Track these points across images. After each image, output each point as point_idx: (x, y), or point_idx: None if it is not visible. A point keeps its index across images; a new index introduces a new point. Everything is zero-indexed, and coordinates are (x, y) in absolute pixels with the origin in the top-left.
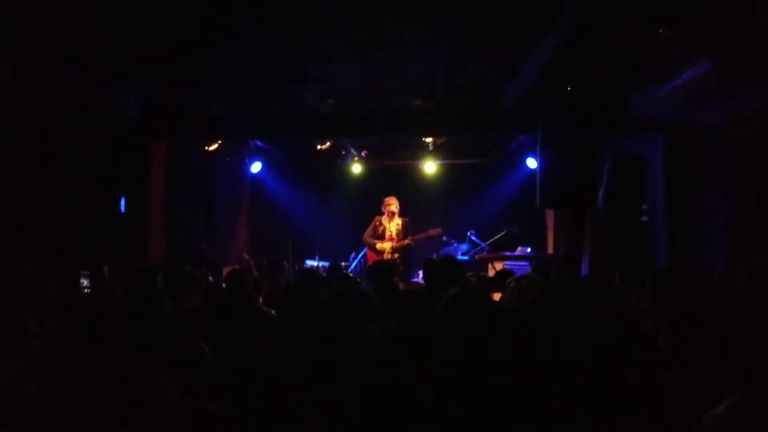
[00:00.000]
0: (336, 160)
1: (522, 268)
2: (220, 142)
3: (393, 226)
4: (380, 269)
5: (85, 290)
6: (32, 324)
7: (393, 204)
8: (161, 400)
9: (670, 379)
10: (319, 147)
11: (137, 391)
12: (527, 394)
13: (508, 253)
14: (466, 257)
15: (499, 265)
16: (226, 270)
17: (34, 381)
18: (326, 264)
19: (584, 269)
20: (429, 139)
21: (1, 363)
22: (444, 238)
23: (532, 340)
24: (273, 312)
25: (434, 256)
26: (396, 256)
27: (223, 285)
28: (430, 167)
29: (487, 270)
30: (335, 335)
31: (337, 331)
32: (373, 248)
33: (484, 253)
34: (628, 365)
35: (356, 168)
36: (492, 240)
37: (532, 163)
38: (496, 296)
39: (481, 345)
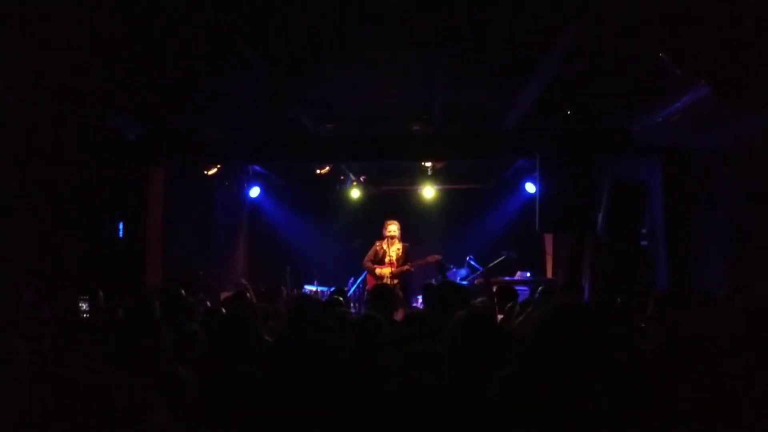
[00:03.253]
0: (335, 185)
1: (521, 293)
2: (218, 166)
3: (393, 251)
4: (381, 293)
5: (84, 314)
6: (22, 346)
7: (393, 228)
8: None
9: (674, 402)
10: (317, 172)
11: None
12: (531, 415)
13: (507, 278)
14: (465, 282)
15: None
16: (223, 295)
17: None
18: (324, 289)
19: (585, 294)
20: (428, 164)
21: None
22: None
23: (537, 364)
24: (270, 338)
25: (433, 281)
26: (395, 281)
27: (222, 310)
28: (428, 192)
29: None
30: (336, 360)
31: (339, 357)
32: (372, 273)
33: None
34: (632, 388)
35: (355, 193)
36: (491, 265)
37: (530, 187)
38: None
39: (488, 367)
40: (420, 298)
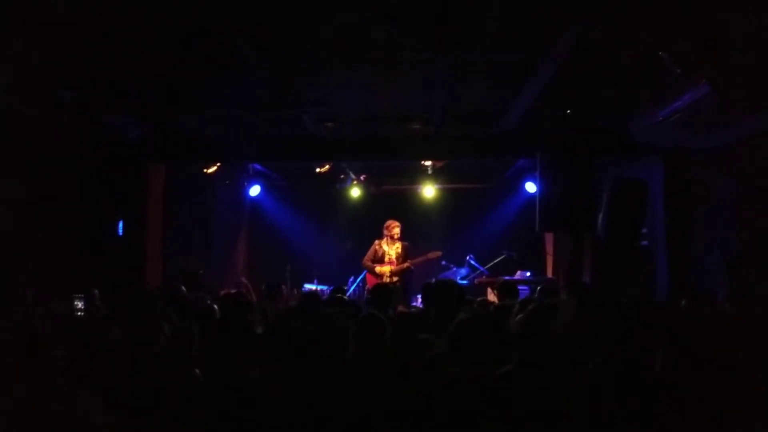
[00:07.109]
0: (335, 183)
1: (521, 292)
2: (218, 164)
3: (393, 250)
4: (381, 292)
5: (79, 313)
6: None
7: (396, 228)
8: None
9: (672, 405)
10: (318, 170)
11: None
12: (534, 415)
13: (507, 278)
14: (465, 281)
15: None
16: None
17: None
18: (325, 288)
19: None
20: (428, 164)
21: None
22: (443, 263)
23: (539, 363)
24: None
25: (433, 281)
26: (395, 279)
27: (218, 308)
28: (429, 191)
29: (486, 294)
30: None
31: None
32: (372, 272)
33: (483, 277)
34: (629, 389)
35: (355, 192)
36: (491, 264)
37: (531, 187)
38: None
39: (491, 367)
40: (420, 297)
